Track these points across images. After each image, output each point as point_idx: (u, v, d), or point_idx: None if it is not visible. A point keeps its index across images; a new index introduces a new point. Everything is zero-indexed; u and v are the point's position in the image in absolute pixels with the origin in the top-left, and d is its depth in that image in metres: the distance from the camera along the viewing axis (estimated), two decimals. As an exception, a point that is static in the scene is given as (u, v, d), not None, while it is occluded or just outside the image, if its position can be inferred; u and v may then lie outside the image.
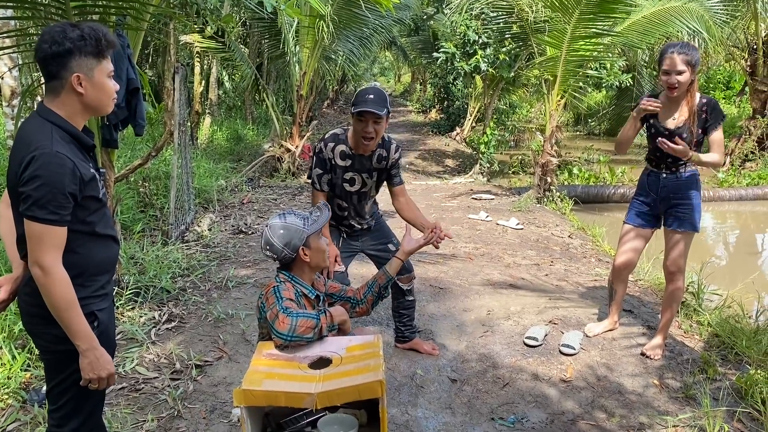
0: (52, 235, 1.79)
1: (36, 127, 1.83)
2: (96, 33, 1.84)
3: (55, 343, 1.91)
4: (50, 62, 1.80)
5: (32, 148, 1.76)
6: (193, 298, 4.40)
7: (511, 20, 8.78)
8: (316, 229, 2.37)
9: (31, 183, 1.75)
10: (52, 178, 1.75)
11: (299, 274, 2.39)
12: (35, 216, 1.76)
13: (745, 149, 11.59)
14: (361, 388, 1.93)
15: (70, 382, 1.95)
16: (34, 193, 1.74)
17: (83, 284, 1.91)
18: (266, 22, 9.71)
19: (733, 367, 3.65)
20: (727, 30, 10.15)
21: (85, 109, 1.90)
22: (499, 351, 3.81)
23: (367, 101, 3.00)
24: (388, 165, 3.31)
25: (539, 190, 8.50)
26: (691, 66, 3.29)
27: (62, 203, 1.78)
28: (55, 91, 1.85)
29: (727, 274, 6.43)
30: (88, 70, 1.84)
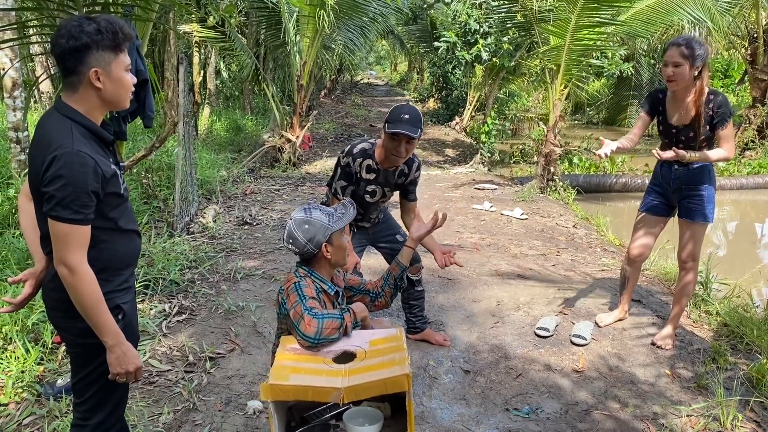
0: (76, 234, 1.78)
1: (56, 125, 1.81)
2: (113, 26, 1.81)
3: (80, 336, 1.91)
4: (68, 57, 1.78)
5: (53, 148, 1.75)
6: (203, 290, 4.39)
7: (515, 9, 8.73)
8: (340, 226, 2.35)
9: (54, 183, 1.73)
10: (74, 178, 1.73)
11: (319, 269, 2.38)
12: (59, 216, 1.75)
13: (745, 138, 11.60)
14: (388, 382, 1.93)
15: (95, 375, 1.96)
16: (58, 194, 1.73)
17: (108, 279, 1.91)
18: (266, 11, 9.65)
19: (743, 356, 3.67)
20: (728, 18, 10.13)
21: (104, 104, 1.87)
22: (511, 342, 3.82)
23: (402, 121, 3.00)
24: (407, 181, 3.35)
25: (542, 180, 8.50)
26: (691, 59, 3.25)
27: (85, 202, 1.77)
28: (73, 87, 1.83)
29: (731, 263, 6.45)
30: (106, 65, 1.81)
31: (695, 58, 3.26)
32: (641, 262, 3.91)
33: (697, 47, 3.27)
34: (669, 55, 3.31)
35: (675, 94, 3.43)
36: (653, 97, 3.57)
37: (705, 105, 3.34)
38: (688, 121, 3.40)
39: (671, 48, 3.31)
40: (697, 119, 3.37)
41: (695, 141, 3.42)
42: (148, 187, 6.28)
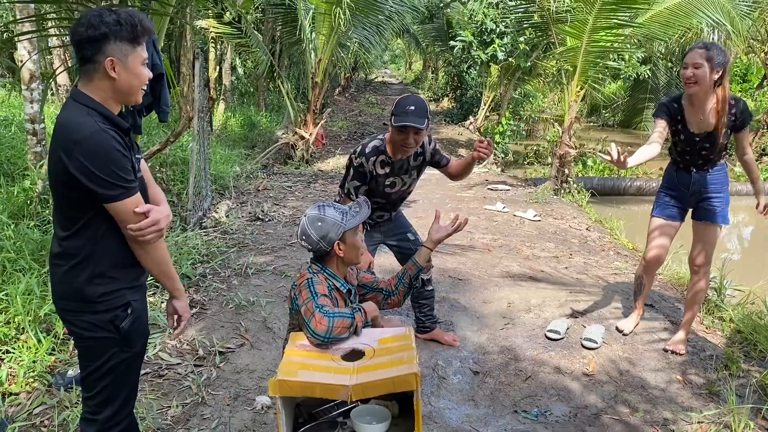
0: (132, 204, 1.81)
1: (74, 114, 1.80)
2: (132, 19, 1.82)
3: (88, 330, 1.91)
4: (85, 46, 1.78)
5: (76, 135, 1.74)
6: (214, 285, 4.41)
7: (532, 9, 8.69)
8: (354, 224, 2.34)
9: (90, 167, 1.73)
10: (105, 156, 1.74)
11: (332, 266, 2.37)
12: (109, 196, 1.76)
13: (763, 143, 11.49)
14: (396, 381, 1.92)
15: (105, 370, 1.95)
16: (98, 177, 1.73)
17: (117, 276, 1.90)
18: (282, 8, 9.66)
19: (756, 363, 3.63)
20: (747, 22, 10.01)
21: (117, 96, 1.86)
22: (521, 344, 3.80)
23: (408, 113, 2.98)
24: (427, 158, 3.32)
25: (556, 182, 8.45)
26: (711, 62, 3.20)
27: (125, 176, 1.78)
28: (89, 76, 1.83)
29: (748, 269, 6.38)
30: (122, 56, 1.81)
31: (716, 62, 3.21)
32: (657, 268, 3.87)
33: (718, 52, 3.23)
34: (689, 57, 3.27)
35: (693, 101, 3.37)
36: (670, 107, 3.46)
37: (728, 112, 3.30)
38: (711, 128, 3.36)
39: (691, 51, 3.28)
40: (720, 127, 3.33)
41: (716, 146, 3.38)
42: (162, 181, 6.32)
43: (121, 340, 1.93)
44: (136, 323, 1.97)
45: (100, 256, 1.85)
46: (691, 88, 3.29)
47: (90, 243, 1.85)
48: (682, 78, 3.33)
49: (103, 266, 1.87)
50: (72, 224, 1.85)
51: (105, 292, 1.88)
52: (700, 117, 3.37)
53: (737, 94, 19.13)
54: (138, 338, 2.00)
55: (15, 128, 7.18)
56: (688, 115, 3.42)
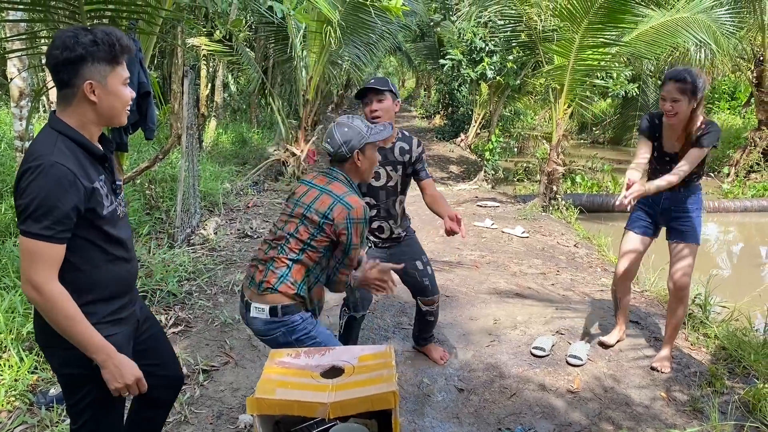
0: (46, 253, 1.67)
1: (41, 138, 1.74)
2: (109, 38, 1.74)
3: (61, 366, 1.86)
4: (62, 69, 1.71)
5: (30, 159, 1.67)
6: (200, 302, 4.40)
7: (519, 29, 8.79)
8: (376, 138, 2.52)
9: (25, 195, 1.64)
10: (48, 190, 1.63)
11: (351, 178, 2.56)
12: (28, 231, 1.65)
13: (751, 160, 11.57)
14: (374, 399, 1.92)
15: (84, 404, 1.89)
16: (28, 206, 1.64)
17: (90, 311, 1.80)
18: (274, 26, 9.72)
19: (740, 380, 3.64)
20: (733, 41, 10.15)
21: (99, 118, 1.80)
22: (506, 361, 3.80)
23: (368, 84, 3.15)
24: (412, 159, 3.32)
25: (545, 199, 8.50)
26: (688, 94, 3.24)
27: (59, 218, 1.66)
28: (67, 100, 1.76)
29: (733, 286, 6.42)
30: (101, 77, 1.74)
31: (693, 92, 3.24)
32: (629, 280, 3.90)
33: (694, 79, 3.24)
34: (667, 91, 3.29)
35: (671, 124, 3.43)
36: (651, 123, 3.53)
37: (695, 132, 3.34)
38: (679, 148, 3.42)
39: (669, 83, 3.29)
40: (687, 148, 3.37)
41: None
42: (150, 198, 6.32)
43: (94, 377, 1.83)
44: None
45: (73, 288, 1.75)
46: (671, 119, 3.34)
47: (61, 276, 1.73)
48: (661, 108, 3.37)
49: (76, 300, 1.75)
50: None
51: None
52: (674, 138, 3.44)
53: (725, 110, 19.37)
54: None
55: (4, 145, 7.17)
56: (665, 134, 3.49)
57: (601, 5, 6.83)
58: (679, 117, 3.32)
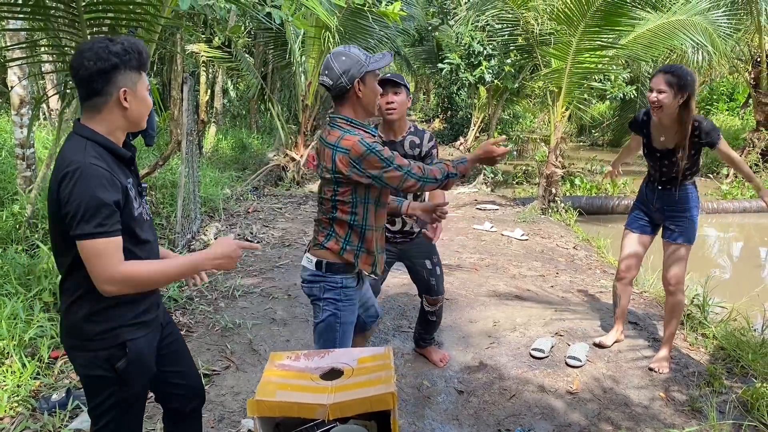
0: (107, 248, 1.71)
1: (70, 146, 1.78)
2: (137, 46, 1.81)
3: (84, 367, 1.89)
4: (96, 79, 1.75)
5: (65, 165, 1.72)
6: (200, 307, 4.42)
7: (517, 32, 8.84)
8: (375, 66, 2.38)
9: (72, 200, 1.69)
10: (91, 190, 1.69)
11: (352, 112, 2.42)
12: (84, 233, 1.69)
13: (749, 161, 11.59)
14: (373, 400, 1.95)
15: (106, 406, 1.92)
16: (77, 211, 1.69)
17: (115, 314, 1.85)
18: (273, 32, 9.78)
19: (739, 380, 3.66)
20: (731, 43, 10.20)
21: (127, 124, 1.86)
22: (506, 362, 3.82)
23: (385, 76, 3.05)
24: (422, 153, 3.24)
25: (544, 201, 8.53)
26: (675, 87, 3.29)
27: (108, 213, 1.71)
28: (96, 108, 1.81)
29: (732, 286, 6.44)
30: (132, 84, 1.81)
31: (680, 86, 3.28)
32: (630, 280, 3.93)
33: (682, 76, 3.29)
34: (654, 82, 3.35)
35: (659, 119, 3.47)
36: (639, 120, 3.65)
37: (691, 133, 3.38)
38: (672, 146, 3.45)
39: (657, 75, 3.36)
40: (681, 146, 3.41)
41: (678, 165, 3.46)
42: (151, 204, 6.35)
43: (117, 380, 1.88)
44: (135, 363, 1.90)
45: (97, 293, 1.77)
46: (655, 112, 3.39)
47: (87, 280, 1.77)
48: (648, 100, 3.43)
49: (101, 304, 1.82)
50: (68, 261, 1.81)
51: (101, 331, 1.84)
52: (662, 135, 3.48)
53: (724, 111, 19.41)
54: (136, 378, 1.93)
55: (5, 153, 7.21)
56: (654, 130, 3.55)
57: (598, 8, 6.88)
58: (664, 110, 3.35)
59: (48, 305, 3.90)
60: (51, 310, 3.90)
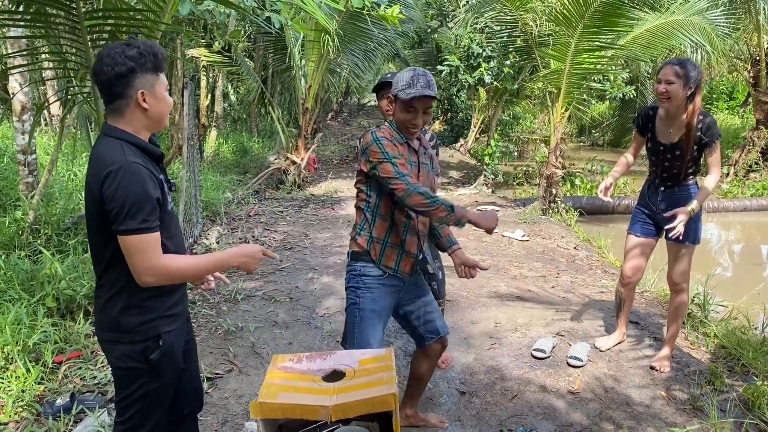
0: (149, 243, 1.82)
1: (106, 147, 1.87)
2: (152, 48, 1.90)
3: (119, 360, 1.97)
4: (114, 83, 1.85)
5: (106, 166, 1.80)
6: (203, 311, 4.44)
7: (515, 34, 8.86)
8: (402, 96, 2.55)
9: (116, 198, 1.78)
10: (134, 188, 1.79)
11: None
12: (129, 228, 1.79)
13: (749, 160, 11.61)
14: (375, 401, 1.97)
15: (134, 398, 2.00)
16: (122, 207, 1.78)
17: (151, 306, 1.96)
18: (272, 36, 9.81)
19: (740, 378, 3.67)
20: (729, 42, 10.21)
21: (150, 123, 1.94)
22: (507, 363, 3.84)
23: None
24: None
25: (544, 202, 8.55)
26: (684, 79, 3.31)
27: (150, 210, 1.82)
28: (119, 111, 1.90)
29: (733, 285, 6.45)
30: (150, 86, 1.89)
31: (688, 78, 3.31)
32: (635, 284, 3.93)
33: (690, 68, 3.32)
34: (663, 73, 3.37)
35: (666, 113, 3.48)
36: (643, 115, 3.63)
37: (696, 125, 3.39)
38: (676, 140, 3.46)
39: (665, 67, 3.38)
40: (686, 140, 3.42)
41: (681, 160, 3.46)
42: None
43: (149, 371, 1.97)
44: (167, 355, 2.00)
45: (135, 286, 1.88)
46: (663, 103, 3.39)
47: (124, 275, 1.87)
48: (655, 91, 3.44)
49: (138, 297, 1.91)
50: (108, 256, 1.89)
51: (138, 323, 1.93)
52: (669, 129, 3.48)
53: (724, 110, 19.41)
54: (168, 369, 2.02)
55: (7, 159, 7.24)
56: (659, 125, 3.54)
57: (596, 9, 6.91)
58: (671, 102, 3.36)
59: (51, 310, 3.93)
60: (54, 315, 3.92)
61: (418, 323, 2.80)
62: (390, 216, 2.61)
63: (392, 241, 2.62)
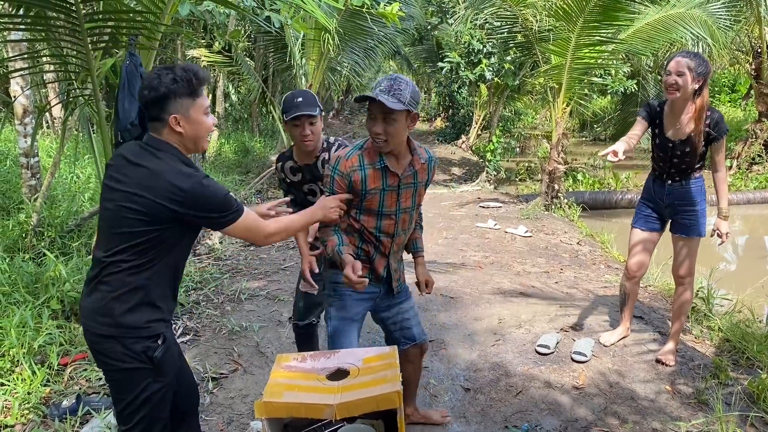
0: (252, 217, 2.08)
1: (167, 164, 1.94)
2: (188, 74, 1.95)
3: (122, 360, 1.96)
4: (151, 107, 1.96)
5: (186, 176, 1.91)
6: (207, 311, 4.45)
7: (516, 30, 8.85)
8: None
9: (211, 202, 1.94)
10: (216, 188, 1.96)
11: None
12: (232, 218, 2.00)
13: (752, 152, 11.58)
14: (379, 399, 1.97)
15: (140, 401, 2.00)
16: (219, 205, 1.96)
17: (162, 306, 2.02)
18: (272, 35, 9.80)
19: (744, 371, 3.67)
20: (731, 34, 10.17)
21: (186, 146, 2.02)
22: (512, 359, 3.84)
23: (299, 105, 2.81)
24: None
25: (547, 198, 8.54)
26: (694, 72, 3.30)
27: (232, 198, 2.01)
28: (158, 131, 1.99)
29: (737, 278, 6.44)
30: (184, 111, 1.96)
31: (697, 71, 3.30)
32: (640, 278, 3.93)
33: (700, 61, 3.32)
34: (672, 65, 3.35)
35: (672, 108, 3.46)
36: (652, 108, 3.58)
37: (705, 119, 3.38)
38: (685, 136, 3.44)
39: (675, 58, 3.36)
40: (695, 135, 3.41)
41: (690, 156, 3.46)
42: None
43: (153, 370, 1.99)
44: (168, 353, 2.03)
45: (154, 286, 1.97)
46: (672, 94, 3.37)
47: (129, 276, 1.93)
48: (664, 84, 3.41)
49: (153, 295, 1.98)
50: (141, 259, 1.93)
51: (146, 321, 1.96)
52: (677, 124, 3.46)
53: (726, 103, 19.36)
54: (170, 367, 2.06)
55: (10, 162, 7.26)
56: (666, 120, 3.51)
57: (596, 4, 6.89)
58: (680, 94, 3.34)
59: (56, 313, 3.94)
60: (59, 317, 3.94)
61: (394, 329, 2.78)
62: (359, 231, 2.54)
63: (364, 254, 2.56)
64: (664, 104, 3.54)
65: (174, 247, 2.00)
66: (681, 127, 3.45)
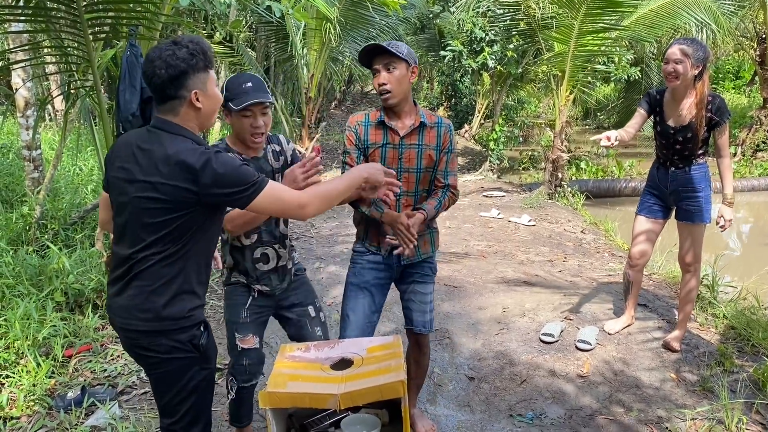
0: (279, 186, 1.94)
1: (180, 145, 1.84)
2: (200, 46, 1.89)
3: (169, 353, 1.93)
4: (168, 86, 1.84)
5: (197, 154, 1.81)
6: (211, 302, 4.46)
7: (518, 17, 8.79)
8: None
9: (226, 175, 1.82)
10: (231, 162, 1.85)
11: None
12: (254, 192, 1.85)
13: (757, 139, 11.51)
14: (384, 389, 1.96)
15: (187, 391, 1.98)
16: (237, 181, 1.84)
17: (199, 292, 1.99)
18: (273, 26, 9.77)
19: (750, 359, 3.66)
20: (735, 20, 10.09)
21: (200, 121, 1.95)
22: (516, 348, 3.84)
23: (249, 92, 2.36)
24: (288, 160, 2.64)
25: (550, 186, 8.51)
26: (692, 58, 3.28)
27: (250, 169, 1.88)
28: (173, 111, 1.89)
29: (742, 265, 6.42)
30: (203, 85, 1.89)
31: (696, 57, 3.28)
32: (643, 266, 3.92)
33: (698, 47, 3.30)
34: (670, 53, 3.34)
35: (673, 96, 3.45)
36: (651, 97, 3.59)
37: (705, 107, 3.36)
38: (686, 122, 3.43)
39: (673, 46, 3.35)
40: (696, 121, 3.39)
41: (692, 142, 3.44)
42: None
43: (200, 358, 1.98)
44: (210, 338, 2.03)
45: (189, 273, 1.93)
46: (672, 82, 3.36)
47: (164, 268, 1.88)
48: (663, 73, 3.40)
49: (189, 284, 1.93)
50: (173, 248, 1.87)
51: (189, 309, 1.93)
52: (678, 111, 3.45)
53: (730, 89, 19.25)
54: (213, 353, 2.05)
55: (12, 155, 7.26)
56: (667, 108, 3.50)
57: (599, -10, 6.83)
58: (680, 81, 3.33)
59: (60, 305, 3.94)
60: (63, 309, 3.94)
61: (403, 305, 2.88)
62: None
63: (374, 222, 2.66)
64: (664, 92, 3.52)
65: (202, 231, 1.92)
66: (682, 113, 3.44)
